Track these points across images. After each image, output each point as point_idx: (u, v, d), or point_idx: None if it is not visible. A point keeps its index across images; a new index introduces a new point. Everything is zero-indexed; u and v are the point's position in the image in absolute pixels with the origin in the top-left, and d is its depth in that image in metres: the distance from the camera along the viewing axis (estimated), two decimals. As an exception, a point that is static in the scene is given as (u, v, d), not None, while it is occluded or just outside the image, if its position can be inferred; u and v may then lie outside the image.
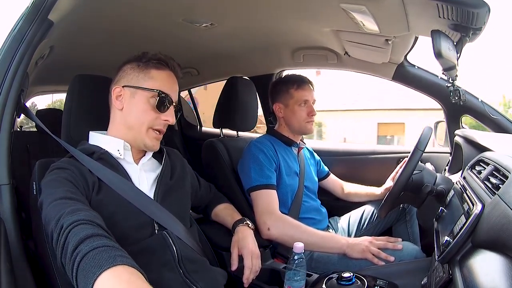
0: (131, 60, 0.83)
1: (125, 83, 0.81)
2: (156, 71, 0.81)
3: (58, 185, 0.68)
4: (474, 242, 0.62)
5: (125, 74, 0.82)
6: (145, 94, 0.79)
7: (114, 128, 0.83)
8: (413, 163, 1.00)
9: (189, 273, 0.76)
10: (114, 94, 0.81)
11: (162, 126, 0.82)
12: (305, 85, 1.29)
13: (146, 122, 0.80)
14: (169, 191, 0.85)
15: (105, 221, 0.71)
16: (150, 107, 0.79)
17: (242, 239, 0.94)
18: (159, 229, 0.78)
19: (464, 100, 1.13)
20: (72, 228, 0.55)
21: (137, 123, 0.80)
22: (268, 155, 1.20)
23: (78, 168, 0.74)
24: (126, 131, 0.81)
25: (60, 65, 1.40)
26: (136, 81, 0.80)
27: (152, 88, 0.79)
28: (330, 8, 1.01)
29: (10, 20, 0.89)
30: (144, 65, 0.81)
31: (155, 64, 0.81)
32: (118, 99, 0.81)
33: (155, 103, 0.79)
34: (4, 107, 0.77)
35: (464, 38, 0.86)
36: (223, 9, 1.10)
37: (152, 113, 0.80)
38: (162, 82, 0.81)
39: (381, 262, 1.03)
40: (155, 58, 0.82)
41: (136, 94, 0.80)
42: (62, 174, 0.71)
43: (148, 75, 0.80)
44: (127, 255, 0.53)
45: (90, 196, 0.72)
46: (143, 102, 0.79)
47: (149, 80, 0.80)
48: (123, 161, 0.81)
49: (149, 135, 0.81)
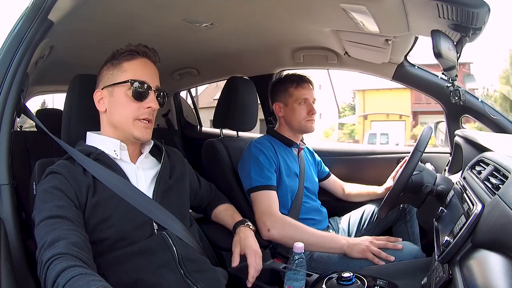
0: (106, 61, 0.83)
1: (103, 85, 0.82)
2: (127, 63, 0.81)
3: (48, 199, 0.69)
4: (474, 242, 0.62)
5: (102, 77, 0.83)
6: (121, 89, 0.80)
7: (104, 130, 0.84)
8: (413, 163, 1.00)
9: (190, 273, 0.76)
10: (96, 99, 0.82)
11: (147, 115, 0.81)
12: (304, 83, 1.29)
13: (130, 115, 0.80)
14: (168, 190, 0.84)
15: (103, 223, 0.72)
16: (129, 99, 0.79)
17: (244, 239, 0.94)
18: (158, 229, 0.78)
19: (464, 100, 1.13)
20: (49, 264, 0.58)
21: (121, 119, 0.80)
22: (268, 156, 1.20)
23: (71, 173, 0.74)
24: (114, 131, 0.82)
25: (60, 65, 1.40)
26: (111, 79, 0.81)
27: (125, 80, 0.79)
28: (330, 8, 1.01)
29: (10, 20, 0.89)
30: (117, 61, 0.81)
31: (126, 56, 0.81)
32: (100, 102, 0.82)
33: (134, 94, 0.79)
34: (4, 107, 0.77)
35: (464, 38, 0.86)
36: (223, 9, 1.10)
37: (133, 104, 0.80)
38: (134, 70, 0.80)
39: (382, 262, 1.03)
40: (125, 50, 0.81)
41: (114, 91, 0.80)
42: (54, 182, 0.72)
43: (120, 69, 0.81)
44: (100, 278, 0.57)
45: (85, 200, 0.73)
46: (122, 97, 0.79)
47: (122, 74, 0.80)
48: (119, 161, 0.81)
49: (136, 126, 0.81)
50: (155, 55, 0.84)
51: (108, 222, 0.73)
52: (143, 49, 0.82)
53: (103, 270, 0.72)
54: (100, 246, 0.72)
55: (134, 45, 0.82)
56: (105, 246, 0.73)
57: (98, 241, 0.72)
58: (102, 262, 0.72)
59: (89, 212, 0.72)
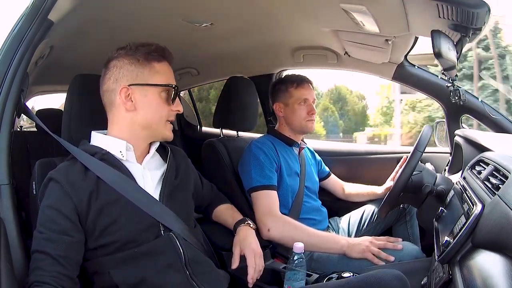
0: (123, 55, 0.79)
1: (131, 81, 0.78)
2: (158, 64, 0.80)
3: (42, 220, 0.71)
4: (474, 242, 0.62)
5: (125, 72, 0.78)
6: (156, 90, 0.79)
7: (117, 129, 0.80)
8: (412, 163, 1.00)
9: (195, 274, 0.76)
10: (123, 95, 0.78)
11: (173, 117, 0.83)
12: (304, 84, 1.29)
13: (164, 116, 0.81)
14: (174, 191, 0.84)
15: (110, 227, 0.72)
16: (163, 101, 0.80)
17: (244, 239, 0.93)
18: (165, 230, 0.77)
19: (464, 100, 1.13)
20: None
21: (155, 120, 0.80)
22: (269, 155, 1.20)
23: (71, 179, 0.73)
24: (139, 131, 0.80)
25: (60, 65, 1.40)
26: (142, 78, 0.78)
27: (161, 83, 0.80)
28: (330, 8, 1.01)
29: (10, 20, 0.89)
30: (144, 60, 0.79)
31: (156, 57, 0.80)
32: (126, 100, 0.78)
33: (166, 97, 0.80)
34: (4, 107, 0.77)
35: (464, 38, 0.86)
36: (223, 9, 1.10)
37: (165, 106, 0.80)
38: (167, 74, 0.81)
39: (381, 262, 1.03)
40: (152, 50, 0.80)
41: (148, 91, 0.79)
42: (49, 200, 0.72)
43: (152, 70, 0.79)
44: None
45: (86, 208, 0.72)
46: (156, 98, 0.79)
47: (155, 75, 0.79)
48: (125, 161, 0.80)
49: (168, 127, 0.82)
50: (173, 60, 0.86)
51: (115, 226, 0.73)
52: (168, 53, 0.83)
53: (109, 269, 0.72)
54: (108, 248, 0.72)
55: (156, 46, 0.81)
56: (112, 248, 0.73)
57: (105, 244, 0.72)
58: (108, 261, 0.72)
59: (94, 217, 0.72)
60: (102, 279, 0.73)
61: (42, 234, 0.69)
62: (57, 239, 0.69)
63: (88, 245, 0.72)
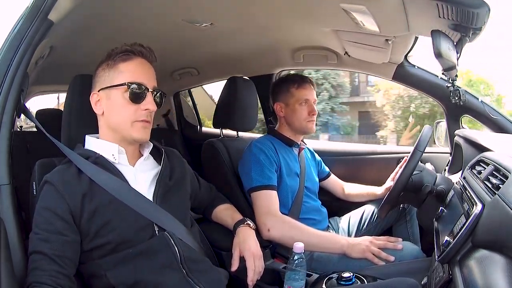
0: (102, 62, 0.82)
1: (100, 86, 0.80)
2: (123, 64, 0.79)
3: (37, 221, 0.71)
4: (474, 242, 0.62)
5: (98, 78, 0.81)
6: (118, 91, 0.78)
7: (101, 133, 0.83)
8: (412, 163, 1.00)
9: (192, 273, 0.76)
10: (93, 101, 0.81)
11: (145, 116, 0.79)
12: (305, 84, 1.29)
13: (128, 118, 0.78)
14: (168, 192, 0.84)
15: (103, 228, 0.73)
16: (127, 102, 0.78)
17: (243, 241, 0.93)
18: (159, 230, 0.77)
19: (464, 100, 1.13)
20: None
21: (120, 122, 0.79)
22: (269, 155, 1.20)
23: (65, 181, 0.74)
24: (113, 134, 0.81)
25: (60, 65, 1.40)
26: (108, 81, 0.79)
27: (122, 83, 0.78)
28: (330, 8, 1.01)
29: (10, 20, 0.89)
30: (113, 62, 0.79)
31: (122, 56, 0.79)
32: (97, 105, 0.80)
33: (131, 97, 0.78)
34: (4, 107, 0.77)
35: (464, 38, 0.86)
36: (223, 9, 1.10)
37: (130, 107, 0.78)
38: (131, 72, 0.79)
39: (381, 262, 1.03)
40: (121, 50, 0.79)
41: (111, 94, 0.79)
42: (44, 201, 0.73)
43: (117, 70, 0.79)
44: None
45: (80, 209, 0.72)
46: (119, 100, 0.78)
47: (119, 76, 0.78)
48: (118, 164, 0.81)
49: (135, 128, 0.79)
50: (151, 54, 0.83)
51: (108, 227, 0.73)
52: (138, 49, 0.80)
53: (105, 271, 0.72)
54: (103, 250, 0.73)
55: (129, 45, 0.80)
56: (107, 249, 0.73)
57: (100, 246, 0.73)
58: (104, 263, 0.72)
59: (88, 219, 0.72)
60: (99, 282, 0.73)
61: (38, 235, 0.69)
62: (53, 239, 0.69)
63: (83, 247, 0.73)
